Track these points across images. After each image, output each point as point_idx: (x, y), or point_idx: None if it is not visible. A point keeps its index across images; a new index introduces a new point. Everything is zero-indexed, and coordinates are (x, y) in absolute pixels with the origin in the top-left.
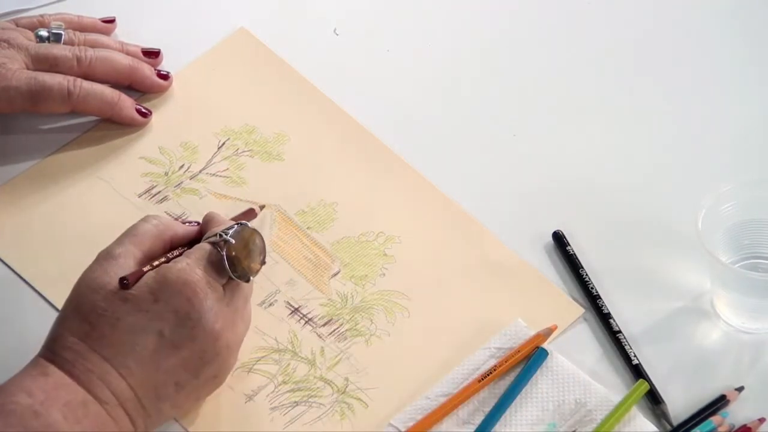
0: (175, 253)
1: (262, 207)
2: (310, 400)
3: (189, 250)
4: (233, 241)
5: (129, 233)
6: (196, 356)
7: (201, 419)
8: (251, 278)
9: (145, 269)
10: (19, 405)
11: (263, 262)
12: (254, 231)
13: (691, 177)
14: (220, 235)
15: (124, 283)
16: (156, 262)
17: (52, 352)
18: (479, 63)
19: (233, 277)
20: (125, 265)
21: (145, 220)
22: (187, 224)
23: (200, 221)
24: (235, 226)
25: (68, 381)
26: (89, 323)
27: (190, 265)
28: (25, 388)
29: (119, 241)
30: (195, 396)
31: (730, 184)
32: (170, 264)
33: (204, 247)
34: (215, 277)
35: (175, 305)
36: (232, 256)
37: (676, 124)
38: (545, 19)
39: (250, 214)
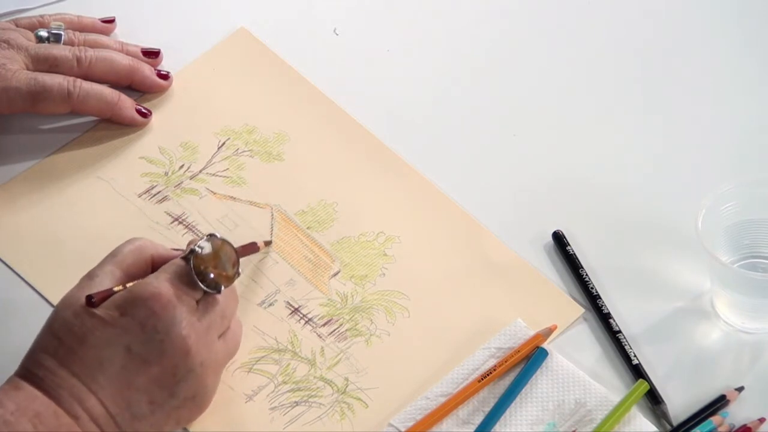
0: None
1: (268, 243)
2: (310, 400)
3: (162, 267)
4: (200, 251)
5: (110, 255)
6: (168, 372)
7: (201, 419)
8: (222, 289)
9: (114, 288)
10: None
11: (237, 273)
12: (225, 241)
13: (691, 177)
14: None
15: (91, 301)
16: (130, 283)
17: (25, 369)
18: (479, 63)
19: (203, 287)
20: (101, 284)
21: (127, 241)
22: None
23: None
24: (205, 237)
25: (39, 395)
26: (58, 339)
27: (159, 279)
28: None
29: (100, 263)
30: (174, 418)
31: (730, 184)
32: (140, 280)
33: (176, 262)
34: (186, 291)
35: (141, 318)
36: (200, 266)
37: (676, 124)
38: (545, 19)
39: (251, 247)
